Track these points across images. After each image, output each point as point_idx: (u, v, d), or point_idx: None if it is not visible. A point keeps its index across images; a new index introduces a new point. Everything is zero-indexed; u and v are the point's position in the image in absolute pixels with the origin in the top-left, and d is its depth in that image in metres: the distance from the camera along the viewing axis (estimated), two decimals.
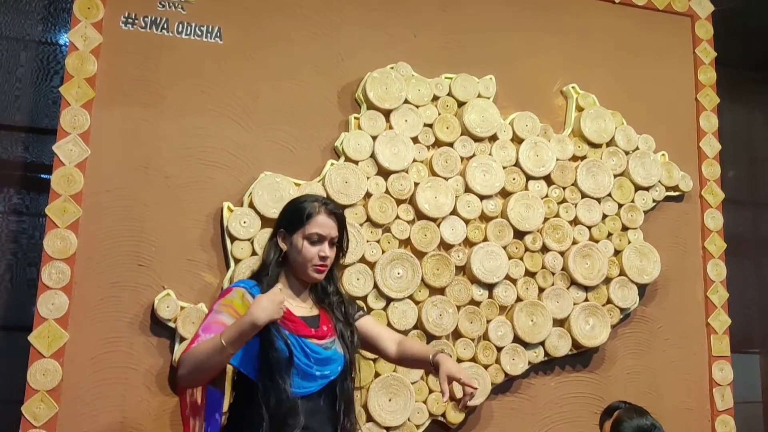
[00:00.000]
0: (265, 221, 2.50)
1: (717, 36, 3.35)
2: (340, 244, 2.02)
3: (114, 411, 2.36)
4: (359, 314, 2.09)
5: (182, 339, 2.39)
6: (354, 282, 2.57)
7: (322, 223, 1.96)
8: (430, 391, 2.63)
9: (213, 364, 1.77)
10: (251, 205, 2.52)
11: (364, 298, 2.59)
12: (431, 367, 1.94)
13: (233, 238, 2.49)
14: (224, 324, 1.83)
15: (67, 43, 2.49)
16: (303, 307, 1.99)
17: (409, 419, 2.57)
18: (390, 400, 2.54)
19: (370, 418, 2.52)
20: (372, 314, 2.57)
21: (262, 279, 1.97)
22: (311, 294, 2.04)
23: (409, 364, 2.15)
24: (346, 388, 1.97)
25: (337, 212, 2.01)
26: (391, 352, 2.06)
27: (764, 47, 3.78)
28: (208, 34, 2.66)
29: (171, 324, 2.41)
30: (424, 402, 2.61)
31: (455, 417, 2.64)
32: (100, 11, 2.52)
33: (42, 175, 2.80)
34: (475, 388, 1.86)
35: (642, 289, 2.97)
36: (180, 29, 2.63)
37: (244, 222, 2.49)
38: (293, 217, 1.99)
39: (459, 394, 1.88)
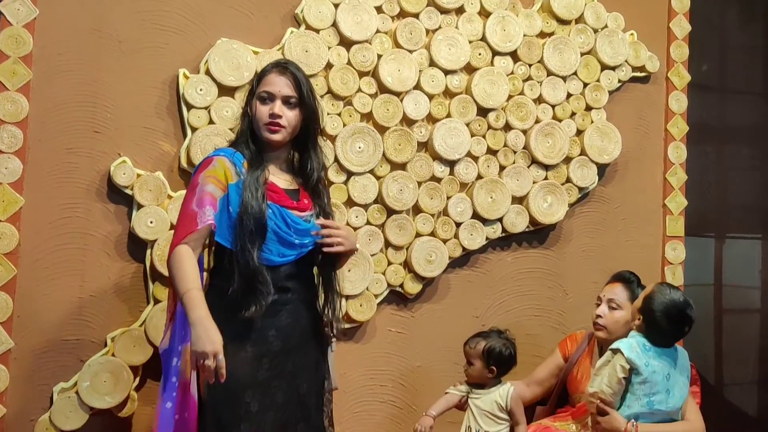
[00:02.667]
0: (222, 89, 2.46)
1: None
2: (304, 105, 1.98)
3: (74, 275, 2.39)
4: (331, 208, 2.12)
5: (139, 206, 2.39)
6: None
7: (271, 81, 1.94)
8: (389, 264, 2.68)
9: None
10: (208, 73, 2.46)
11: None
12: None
13: (189, 106, 2.45)
14: (212, 195, 1.86)
15: None
16: (284, 180, 2.01)
17: (367, 289, 2.63)
18: (349, 271, 2.59)
19: None
20: (332, 188, 2.59)
21: (238, 146, 1.97)
22: (291, 167, 2.05)
23: None
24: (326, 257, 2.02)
25: (290, 70, 1.97)
26: None
27: None
28: None
29: (128, 191, 2.40)
30: (383, 273, 2.67)
31: (413, 287, 2.72)
32: None
33: None
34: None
35: (602, 169, 3.01)
36: None
37: (201, 89, 2.44)
38: (253, 81, 2.00)
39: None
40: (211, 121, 2.45)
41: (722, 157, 3.92)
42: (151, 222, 2.38)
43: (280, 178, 1.99)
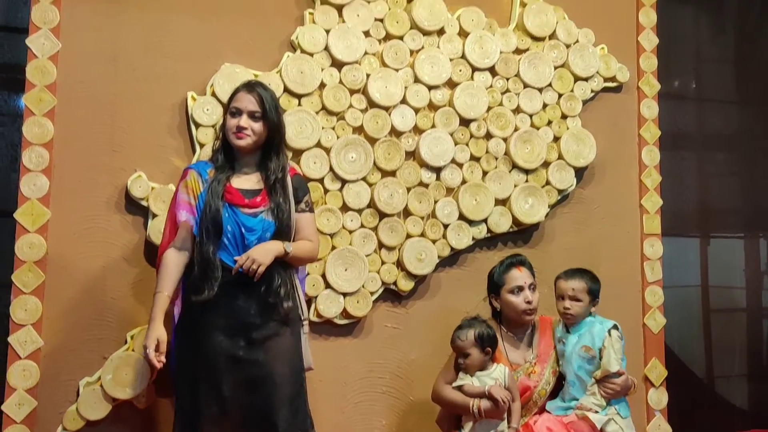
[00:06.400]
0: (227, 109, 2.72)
1: None
2: (267, 119, 2.28)
3: (96, 280, 2.64)
4: (301, 207, 2.38)
5: (154, 215, 2.64)
6: (311, 165, 2.82)
7: (240, 99, 2.30)
8: (383, 263, 2.91)
9: None
10: (213, 94, 2.73)
11: (321, 180, 2.84)
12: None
13: (197, 125, 2.72)
14: (190, 204, 2.28)
15: None
16: (248, 181, 2.32)
17: (363, 286, 2.86)
18: (346, 270, 2.83)
19: (328, 286, 2.82)
20: (328, 195, 2.84)
21: (215, 153, 2.35)
22: (261, 171, 2.34)
23: None
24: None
25: (256, 89, 2.30)
26: None
27: None
28: None
29: (143, 203, 2.66)
30: (377, 272, 2.90)
31: (405, 285, 2.94)
32: None
33: (19, 76, 2.96)
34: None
35: (579, 172, 3.24)
36: None
37: (207, 109, 2.71)
38: (228, 99, 2.37)
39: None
40: (217, 137, 2.70)
41: (701, 163, 4.14)
42: None
43: (245, 180, 2.32)
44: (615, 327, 2.57)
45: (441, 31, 3.06)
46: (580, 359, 2.55)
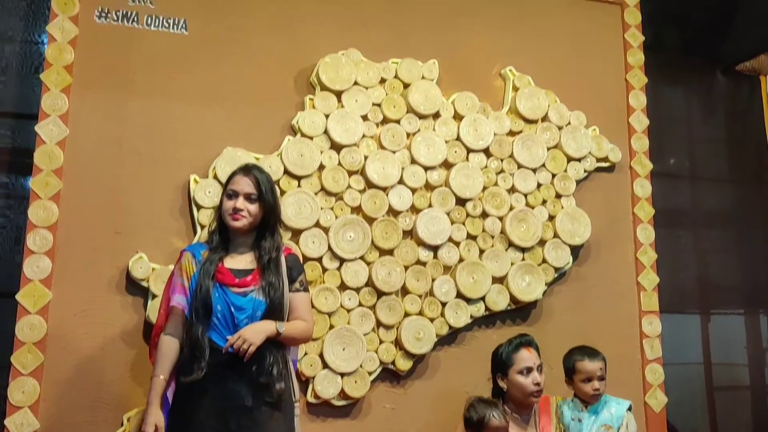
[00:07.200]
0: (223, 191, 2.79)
1: (654, 23, 3.67)
2: (263, 201, 2.34)
3: (94, 361, 2.65)
4: (295, 287, 2.39)
5: (154, 296, 2.67)
6: (310, 245, 2.87)
7: (237, 181, 2.37)
8: (381, 342, 2.92)
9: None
10: (215, 177, 2.81)
11: (320, 259, 2.88)
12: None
13: (199, 206, 2.78)
14: (183, 286, 2.32)
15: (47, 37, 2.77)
16: (242, 261, 2.35)
17: (361, 366, 2.86)
18: (344, 350, 2.84)
19: (325, 365, 2.81)
20: (327, 274, 2.87)
21: (211, 234, 2.40)
22: (255, 251, 2.37)
23: None
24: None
25: (253, 172, 2.37)
26: None
27: (695, 33, 4.10)
28: (175, 26, 2.96)
29: (144, 283, 2.70)
30: (376, 351, 2.90)
31: (404, 364, 2.93)
32: (75, 6, 2.82)
33: (27, 160, 3.05)
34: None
35: (576, 250, 3.28)
36: (149, 21, 2.92)
37: (209, 191, 2.78)
38: (225, 182, 2.43)
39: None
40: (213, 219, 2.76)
41: (698, 240, 4.18)
42: None
43: (239, 260, 2.35)
44: (630, 407, 2.69)
45: (436, 115, 3.16)
46: None
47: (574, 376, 2.73)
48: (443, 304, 3.01)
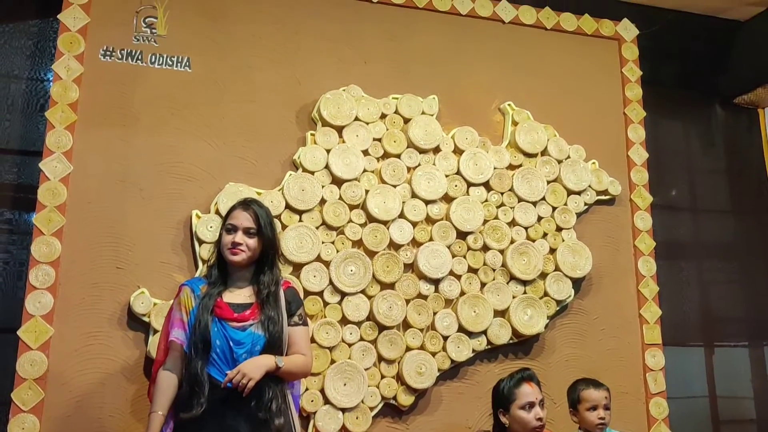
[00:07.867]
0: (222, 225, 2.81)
1: (651, 58, 3.71)
2: (262, 235, 2.35)
3: (95, 397, 2.64)
4: (294, 321, 2.39)
5: (155, 331, 2.67)
6: (311, 279, 2.87)
7: (235, 216, 2.38)
8: (382, 377, 2.91)
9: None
10: (217, 212, 2.83)
11: (321, 293, 2.89)
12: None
13: (201, 242, 2.80)
14: (182, 321, 2.31)
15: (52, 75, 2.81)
16: (240, 295, 2.35)
17: (363, 401, 2.84)
18: (345, 385, 2.82)
19: (327, 401, 2.80)
20: (328, 308, 2.87)
21: (210, 269, 2.41)
22: (254, 285, 2.38)
23: None
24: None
25: (252, 207, 2.38)
26: None
27: (692, 67, 4.14)
28: (179, 64, 3.00)
29: (145, 319, 2.70)
30: (377, 386, 2.89)
31: (406, 399, 2.92)
32: (81, 45, 2.87)
33: (31, 196, 3.07)
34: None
35: (577, 283, 3.28)
36: (153, 60, 2.97)
37: (211, 227, 2.80)
38: (224, 216, 2.44)
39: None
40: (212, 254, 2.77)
41: (700, 272, 4.16)
42: None
43: (237, 294, 2.35)
44: None
45: (437, 149, 3.19)
46: None
47: (579, 406, 2.71)
48: (445, 338, 3.01)
